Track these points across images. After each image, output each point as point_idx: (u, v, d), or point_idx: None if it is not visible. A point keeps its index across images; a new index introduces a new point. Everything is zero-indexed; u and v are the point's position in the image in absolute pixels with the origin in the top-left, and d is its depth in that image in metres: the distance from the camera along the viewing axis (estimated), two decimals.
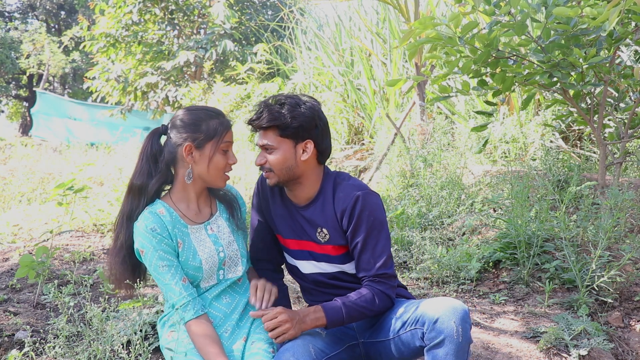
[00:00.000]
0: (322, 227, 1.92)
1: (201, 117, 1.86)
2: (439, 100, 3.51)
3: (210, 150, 1.84)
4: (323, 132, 1.91)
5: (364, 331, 1.94)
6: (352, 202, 1.85)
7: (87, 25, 10.74)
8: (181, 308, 1.78)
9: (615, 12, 2.17)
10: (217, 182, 1.90)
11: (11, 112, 22.27)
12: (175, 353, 1.82)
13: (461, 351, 1.67)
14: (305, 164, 1.89)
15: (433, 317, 1.71)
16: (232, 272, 1.93)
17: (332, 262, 1.95)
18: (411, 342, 1.79)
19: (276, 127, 1.84)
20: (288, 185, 1.93)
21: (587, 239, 3.00)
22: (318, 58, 8.32)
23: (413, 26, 3.03)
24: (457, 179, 4.22)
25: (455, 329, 1.67)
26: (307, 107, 1.88)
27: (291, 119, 1.83)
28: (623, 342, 2.39)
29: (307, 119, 1.86)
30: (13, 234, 3.92)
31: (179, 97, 9.42)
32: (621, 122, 3.80)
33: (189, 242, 1.86)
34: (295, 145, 1.87)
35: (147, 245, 1.80)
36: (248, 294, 1.96)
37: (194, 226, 1.89)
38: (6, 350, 2.17)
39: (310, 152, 1.88)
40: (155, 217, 1.82)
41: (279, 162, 1.86)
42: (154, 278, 1.83)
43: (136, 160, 1.90)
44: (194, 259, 1.85)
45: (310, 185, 1.93)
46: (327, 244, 1.92)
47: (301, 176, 1.90)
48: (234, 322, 1.88)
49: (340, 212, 1.87)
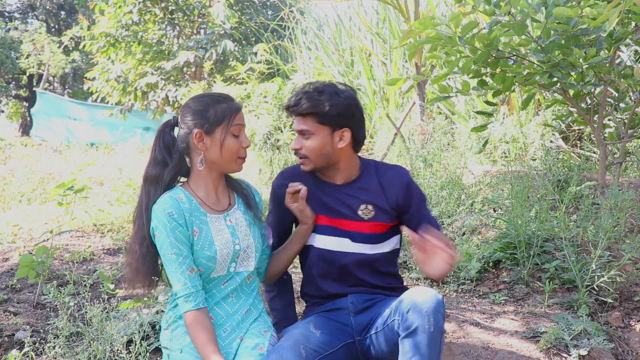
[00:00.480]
0: (368, 204, 1.95)
1: (208, 102, 1.85)
2: (439, 100, 3.51)
3: (220, 135, 1.83)
4: (359, 121, 1.94)
5: (362, 329, 1.93)
6: (406, 177, 1.97)
7: (87, 25, 10.73)
8: (183, 298, 1.76)
9: (615, 12, 2.17)
10: (232, 166, 1.88)
11: (11, 112, 22.28)
12: (171, 351, 1.82)
13: (432, 341, 1.65)
14: (341, 151, 1.92)
15: (407, 306, 1.70)
16: (243, 266, 1.91)
17: (369, 241, 1.95)
18: (392, 334, 1.78)
19: (315, 113, 1.87)
20: (324, 171, 1.96)
21: (587, 239, 3.00)
22: (318, 58, 8.32)
23: (413, 26, 3.03)
24: (457, 179, 4.22)
25: (427, 318, 1.65)
26: (345, 95, 1.90)
27: (330, 106, 1.86)
28: (623, 342, 2.39)
29: (345, 107, 1.89)
30: (13, 234, 3.92)
31: (179, 97, 9.42)
32: (621, 122, 3.80)
33: (207, 230, 1.84)
34: (333, 132, 1.89)
35: (161, 229, 1.78)
36: (254, 294, 1.96)
37: (214, 215, 1.88)
38: (6, 350, 2.17)
39: (347, 140, 1.91)
40: (174, 202, 1.80)
41: (316, 148, 1.89)
42: (162, 261, 1.82)
43: (149, 153, 1.90)
44: (209, 248, 1.83)
45: (349, 169, 1.98)
46: (370, 221, 1.95)
47: (337, 162, 1.94)
48: (234, 322, 1.87)
49: (394, 186, 1.96)
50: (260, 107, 6.69)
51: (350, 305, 1.95)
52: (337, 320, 1.94)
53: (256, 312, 1.94)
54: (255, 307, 1.95)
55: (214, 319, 1.84)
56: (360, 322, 1.93)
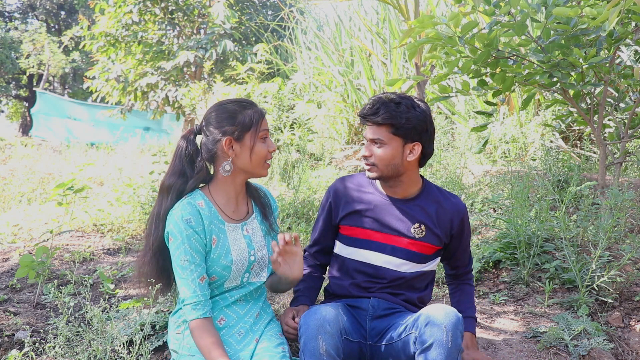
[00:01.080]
0: (421, 223, 1.98)
1: (235, 109, 1.84)
2: (439, 100, 3.51)
3: (250, 141, 1.83)
4: (431, 136, 1.98)
5: (375, 335, 1.94)
6: (464, 211, 2.05)
7: (87, 25, 10.73)
8: (191, 305, 1.75)
9: (615, 12, 2.17)
10: (260, 171, 1.88)
11: (11, 112, 22.27)
12: (180, 355, 1.81)
13: (450, 357, 1.64)
14: (409, 164, 1.95)
15: (424, 321, 1.70)
16: (256, 277, 1.91)
17: (414, 260, 1.99)
18: (407, 348, 1.78)
19: (390, 124, 1.89)
20: (388, 181, 1.99)
21: (587, 239, 3.00)
22: (318, 58, 8.32)
23: (412, 25, 3.03)
24: (457, 179, 4.22)
25: (445, 333, 1.65)
26: (421, 110, 1.94)
27: (406, 119, 1.89)
28: (623, 342, 2.39)
29: (420, 122, 1.92)
30: (13, 234, 3.92)
31: (179, 97, 9.41)
32: (621, 122, 3.80)
33: (224, 239, 1.83)
34: (404, 144, 1.92)
35: (176, 234, 1.77)
36: (262, 298, 1.96)
37: (232, 224, 1.87)
38: (6, 350, 2.17)
39: (417, 154, 1.94)
40: (193, 209, 1.79)
41: (386, 157, 1.92)
42: (173, 266, 1.81)
43: (170, 161, 1.89)
44: (225, 257, 1.82)
45: (411, 184, 2.01)
46: (422, 241, 1.98)
47: (403, 175, 1.97)
48: (247, 325, 1.86)
49: (452, 216, 2.02)
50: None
51: (371, 309, 1.97)
52: (355, 317, 1.97)
53: (267, 316, 1.95)
54: (265, 311, 1.95)
55: (226, 320, 1.84)
56: (374, 327, 1.94)
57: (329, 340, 1.67)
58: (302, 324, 1.73)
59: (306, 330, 1.70)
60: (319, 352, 1.65)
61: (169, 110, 10.50)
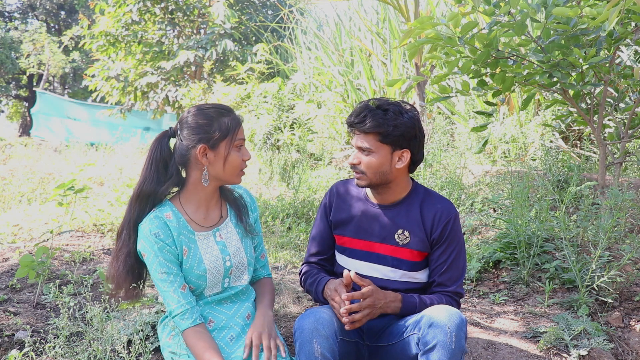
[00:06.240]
0: (405, 229, 1.93)
1: (212, 115, 1.80)
2: (439, 100, 3.51)
3: (225, 149, 1.79)
4: (420, 143, 1.93)
5: (372, 335, 1.93)
6: (449, 217, 1.91)
7: (87, 24, 10.73)
8: (179, 316, 1.74)
9: (614, 12, 2.17)
10: (234, 179, 1.85)
11: (11, 112, 22.26)
12: (178, 356, 1.81)
13: (453, 358, 1.63)
14: (398, 171, 1.91)
15: (428, 321, 1.69)
16: (237, 281, 1.89)
17: (402, 267, 1.93)
18: (408, 349, 1.77)
19: (378, 132, 1.85)
20: (377, 189, 1.95)
21: (587, 239, 3.00)
22: (318, 58, 8.32)
23: (412, 26, 3.03)
24: (457, 179, 4.22)
25: (449, 334, 1.64)
26: (409, 116, 1.89)
27: (394, 127, 1.85)
28: (623, 342, 2.39)
29: (409, 129, 1.88)
30: (13, 234, 3.92)
31: (179, 97, 9.42)
32: (621, 122, 3.80)
33: (195, 249, 1.81)
34: (393, 152, 1.88)
35: (148, 249, 1.76)
36: (250, 300, 1.94)
37: (202, 232, 1.84)
38: (6, 350, 2.17)
39: (406, 161, 1.90)
40: (160, 222, 1.77)
41: (374, 165, 1.88)
42: (153, 282, 1.81)
43: (143, 166, 1.84)
44: (198, 267, 1.80)
45: (399, 190, 1.96)
46: (406, 247, 1.93)
47: (392, 182, 1.93)
48: (238, 327, 1.84)
49: (433, 219, 1.91)
50: (260, 107, 6.69)
51: None
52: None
53: None
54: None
55: (215, 322, 1.83)
56: (372, 327, 1.93)
57: (323, 343, 1.67)
58: (296, 327, 1.73)
59: (301, 333, 1.70)
60: (314, 355, 1.65)
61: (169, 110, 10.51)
